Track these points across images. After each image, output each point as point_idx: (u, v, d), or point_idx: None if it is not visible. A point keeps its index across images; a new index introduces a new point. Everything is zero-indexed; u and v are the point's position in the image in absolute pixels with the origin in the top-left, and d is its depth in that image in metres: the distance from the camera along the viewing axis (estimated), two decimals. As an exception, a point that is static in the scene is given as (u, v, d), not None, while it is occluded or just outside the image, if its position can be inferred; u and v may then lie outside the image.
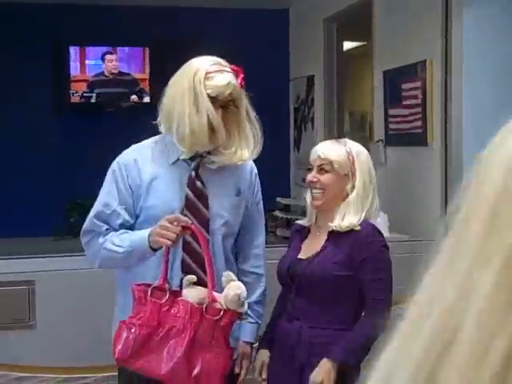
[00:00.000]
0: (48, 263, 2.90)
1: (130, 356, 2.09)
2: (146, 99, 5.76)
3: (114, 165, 2.27)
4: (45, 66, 5.54)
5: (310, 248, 2.32)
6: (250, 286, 2.25)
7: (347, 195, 2.27)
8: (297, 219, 2.63)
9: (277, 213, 5.05)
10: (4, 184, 5.44)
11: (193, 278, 2.11)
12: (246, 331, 2.32)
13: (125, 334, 2.10)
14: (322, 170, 2.29)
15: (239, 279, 2.19)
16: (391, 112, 4.06)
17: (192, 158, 2.22)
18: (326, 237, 2.27)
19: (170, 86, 2.21)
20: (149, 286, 2.11)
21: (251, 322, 2.32)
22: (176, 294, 2.12)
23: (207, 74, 2.13)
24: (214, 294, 2.09)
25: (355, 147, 2.34)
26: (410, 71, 3.83)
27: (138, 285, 2.13)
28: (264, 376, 2.33)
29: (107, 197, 2.25)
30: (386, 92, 4.14)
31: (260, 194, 2.39)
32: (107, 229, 2.24)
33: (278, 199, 5.24)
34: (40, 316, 2.84)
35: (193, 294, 2.10)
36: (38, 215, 5.27)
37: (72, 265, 2.78)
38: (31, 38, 5.35)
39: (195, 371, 2.05)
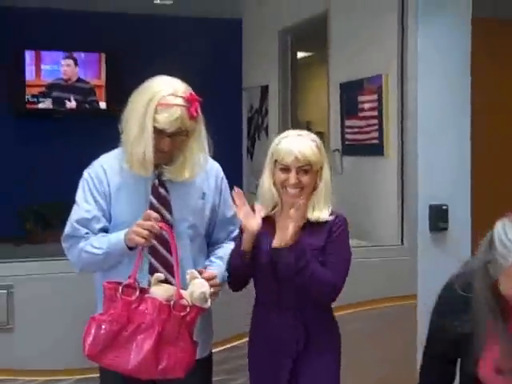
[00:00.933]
0: (26, 267, 2.92)
1: (100, 352, 2.18)
2: (102, 105, 5.80)
3: (86, 175, 2.40)
4: (1, 71, 5.52)
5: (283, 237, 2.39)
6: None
7: (317, 186, 2.42)
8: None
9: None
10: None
11: (160, 276, 2.23)
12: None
13: (95, 331, 2.19)
14: (301, 171, 2.38)
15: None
16: (348, 123, 4.22)
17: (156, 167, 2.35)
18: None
19: (130, 102, 2.31)
20: (119, 284, 2.21)
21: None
22: (145, 291, 2.22)
23: (158, 106, 2.23)
24: (181, 291, 2.19)
25: (317, 139, 2.46)
26: (366, 84, 3.99)
27: (109, 283, 2.23)
28: None
29: (86, 203, 2.36)
30: (342, 103, 4.29)
31: (228, 192, 2.49)
32: (87, 233, 2.34)
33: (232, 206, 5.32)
34: (18, 320, 2.86)
35: (161, 292, 2.21)
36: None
37: (50, 269, 2.83)
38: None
39: (162, 365, 2.15)
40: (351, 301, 3.35)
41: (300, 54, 5.67)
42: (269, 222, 2.42)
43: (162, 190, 2.37)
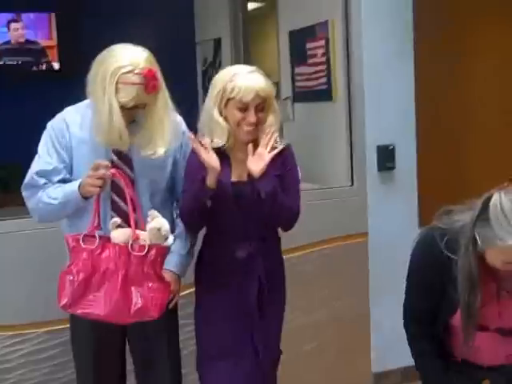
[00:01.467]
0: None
1: (72, 303, 2.25)
2: (56, 66, 5.76)
3: (49, 128, 2.45)
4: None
5: (241, 171, 2.45)
6: None
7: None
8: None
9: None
10: None
11: (117, 220, 2.30)
12: (170, 261, 2.47)
13: (66, 283, 2.25)
14: (258, 108, 2.38)
15: None
16: (297, 70, 4.28)
17: None
18: None
19: (92, 71, 2.35)
20: (80, 234, 2.28)
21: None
22: (106, 238, 2.28)
23: (118, 83, 2.28)
24: (138, 232, 2.25)
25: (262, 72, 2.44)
26: (313, 31, 4.04)
27: (71, 235, 2.30)
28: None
29: (47, 155, 2.42)
30: (291, 51, 4.35)
31: (189, 147, 2.51)
32: (45, 183, 2.40)
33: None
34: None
35: (119, 235, 2.27)
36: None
37: (11, 228, 2.87)
38: None
39: (133, 308, 2.21)
40: (305, 242, 3.47)
41: (251, 6, 5.68)
42: (219, 156, 2.41)
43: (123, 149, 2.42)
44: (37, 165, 2.42)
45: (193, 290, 2.91)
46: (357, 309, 3.69)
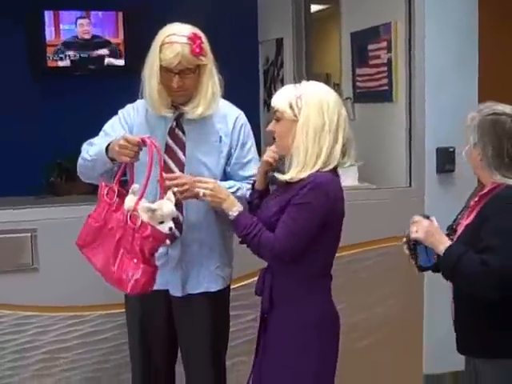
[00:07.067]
0: (48, 212, 3.10)
1: (84, 244, 2.36)
2: (120, 62, 5.92)
3: (119, 113, 2.61)
4: (20, 32, 5.64)
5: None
6: None
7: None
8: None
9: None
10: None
11: (135, 186, 2.31)
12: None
13: (85, 224, 2.36)
14: (276, 118, 2.25)
15: None
16: (358, 71, 4.31)
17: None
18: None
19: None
20: (108, 186, 2.35)
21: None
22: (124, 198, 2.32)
23: (162, 46, 2.40)
24: (142, 203, 2.24)
25: (309, 89, 2.21)
26: (376, 33, 4.06)
27: (106, 184, 2.37)
28: None
29: (109, 127, 2.56)
30: (353, 52, 4.38)
31: (247, 138, 2.59)
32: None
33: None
34: (42, 260, 3.04)
35: (128, 201, 2.28)
36: (16, 176, 5.40)
37: (72, 213, 2.97)
38: (6, 4, 5.44)
39: (114, 274, 2.25)
40: (361, 240, 3.50)
41: (314, 7, 5.73)
42: None
43: (178, 132, 2.53)
44: (96, 137, 2.55)
45: (247, 282, 2.98)
46: (411, 309, 3.70)
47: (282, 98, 2.22)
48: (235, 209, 2.27)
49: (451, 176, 3.74)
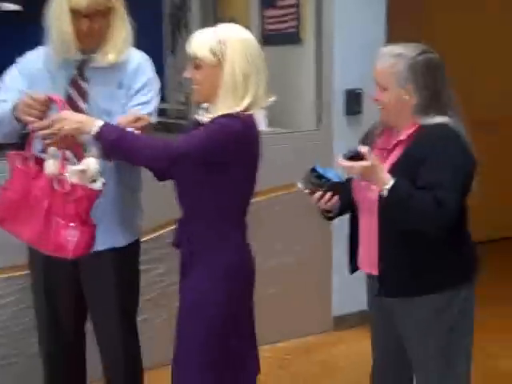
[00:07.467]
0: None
1: (4, 219, 2.24)
2: (16, 7, 5.60)
3: (17, 61, 2.47)
4: None
5: None
6: None
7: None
8: (174, 123, 2.57)
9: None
10: None
11: (53, 149, 2.20)
12: None
13: (2, 198, 2.24)
14: (195, 65, 2.17)
15: None
16: (266, 13, 4.23)
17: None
18: None
19: None
20: (20, 154, 2.24)
21: None
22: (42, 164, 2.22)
23: None
24: (69, 167, 2.16)
25: (230, 33, 2.15)
26: (283, -27, 3.99)
27: (14, 153, 2.25)
28: None
29: (8, 79, 2.43)
30: (260, -6, 4.29)
31: (146, 78, 2.48)
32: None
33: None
34: None
35: (50, 166, 2.18)
36: None
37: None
38: None
39: (51, 241, 2.17)
40: (269, 186, 3.47)
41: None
42: None
43: (80, 82, 2.41)
44: None
45: (158, 233, 2.90)
46: (320, 253, 3.72)
47: (201, 44, 2.14)
48: (96, 124, 2.10)
49: (359, 118, 3.74)
